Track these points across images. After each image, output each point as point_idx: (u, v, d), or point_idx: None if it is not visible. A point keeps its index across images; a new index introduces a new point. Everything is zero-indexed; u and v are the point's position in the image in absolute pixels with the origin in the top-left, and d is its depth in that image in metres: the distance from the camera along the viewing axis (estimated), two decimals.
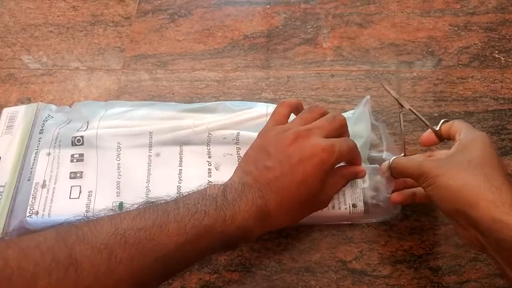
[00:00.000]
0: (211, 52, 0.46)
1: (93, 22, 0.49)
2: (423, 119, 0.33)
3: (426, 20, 0.47)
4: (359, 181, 0.36)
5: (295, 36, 0.47)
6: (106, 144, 0.37)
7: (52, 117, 0.41)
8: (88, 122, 0.38)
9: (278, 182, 0.29)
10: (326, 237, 0.37)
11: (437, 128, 0.33)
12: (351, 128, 0.36)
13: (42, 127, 0.40)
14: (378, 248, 0.36)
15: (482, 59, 0.44)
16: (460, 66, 0.44)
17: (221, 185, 0.29)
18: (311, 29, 0.47)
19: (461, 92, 0.43)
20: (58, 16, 0.49)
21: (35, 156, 0.38)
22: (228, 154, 0.37)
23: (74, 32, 0.48)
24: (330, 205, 0.35)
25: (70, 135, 0.38)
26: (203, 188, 0.29)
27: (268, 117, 0.34)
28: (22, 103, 0.44)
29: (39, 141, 0.39)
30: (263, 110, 0.38)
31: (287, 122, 0.33)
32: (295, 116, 0.34)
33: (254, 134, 0.34)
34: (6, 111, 0.42)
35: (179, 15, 0.49)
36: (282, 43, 0.46)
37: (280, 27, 0.47)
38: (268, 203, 0.29)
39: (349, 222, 0.37)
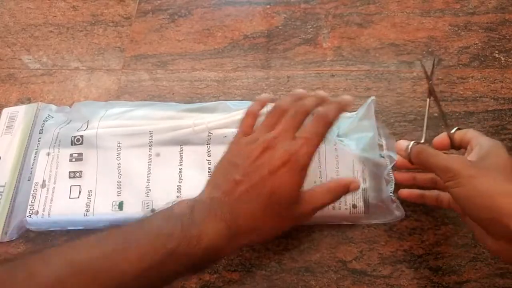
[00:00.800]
0: (211, 52, 0.46)
1: (93, 22, 0.49)
2: (445, 119, 0.33)
3: (426, 20, 0.47)
4: (360, 182, 0.35)
5: (295, 36, 0.47)
6: (106, 144, 0.37)
7: (52, 117, 0.41)
8: (88, 122, 0.38)
9: (248, 195, 0.28)
10: (326, 237, 0.37)
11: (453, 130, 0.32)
12: (358, 123, 0.37)
13: (42, 127, 0.40)
14: (378, 248, 0.36)
15: (482, 59, 0.44)
16: (460, 66, 0.44)
17: (190, 200, 0.29)
18: (311, 29, 0.47)
19: (461, 92, 0.43)
20: (58, 16, 0.49)
21: (35, 156, 0.38)
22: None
23: (74, 32, 0.48)
24: (330, 205, 0.35)
25: (70, 135, 0.38)
26: (171, 205, 0.28)
27: None
28: (22, 103, 0.44)
29: (39, 141, 0.39)
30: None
31: (253, 131, 0.32)
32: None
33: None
34: (6, 111, 0.42)
35: (179, 15, 0.49)
36: (282, 43, 0.46)
37: (280, 27, 0.47)
38: (237, 218, 0.28)
39: (350, 223, 0.37)
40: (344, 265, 0.36)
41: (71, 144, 0.37)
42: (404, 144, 0.33)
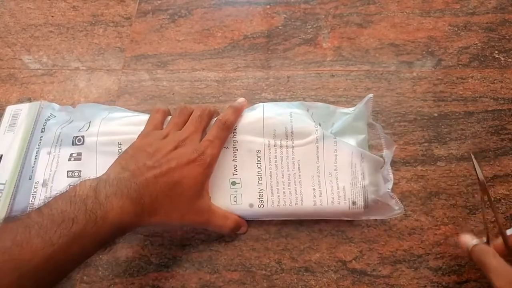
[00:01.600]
0: (211, 52, 0.46)
1: (93, 22, 0.49)
2: (499, 223, 0.31)
3: (426, 20, 0.47)
4: (359, 177, 0.35)
5: (295, 36, 0.47)
6: (106, 149, 0.37)
7: (55, 116, 0.41)
8: (90, 123, 0.38)
9: (155, 180, 0.30)
10: (326, 237, 0.37)
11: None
12: (350, 123, 0.37)
13: (44, 126, 0.40)
14: (378, 248, 0.36)
15: (482, 59, 0.44)
16: (460, 66, 0.44)
17: (94, 180, 0.29)
18: (311, 29, 0.47)
19: (461, 92, 0.43)
20: (59, 16, 0.50)
21: (36, 155, 0.38)
22: (224, 147, 0.36)
23: (75, 32, 0.48)
24: (329, 200, 0.35)
25: (71, 135, 0.38)
26: (72, 186, 0.29)
27: (264, 121, 0.36)
28: (23, 103, 0.44)
29: (40, 139, 0.39)
30: (259, 114, 0.38)
31: (163, 127, 0.36)
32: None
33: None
34: (10, 108, 0.42)
35: (179, 15, 0.49)
36: (282, 43, 0.46)
37: (280, 27, 0.47)
38: (143, 198, 0.30)
39: (349, 219, 0.37)
40: (344, 265, 0.36)
41: (72, 144, 0.37)
42: (467, 240, 0.32)
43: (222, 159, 0.35)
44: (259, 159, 0.36)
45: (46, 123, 0.40)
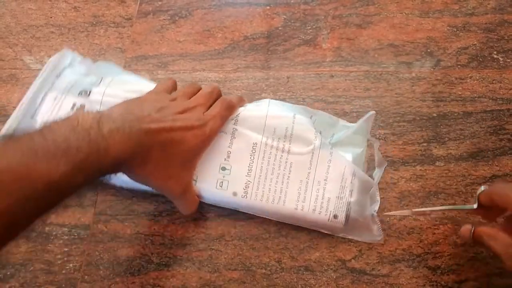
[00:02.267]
0: (212, 53, 0.46)
1: (94, 23, 0.49)
2: None
3: (425, 21, 0.47)
4: (346, 193, 0.36)
5: (295, 37, 0.47)
6: (112, 105, 0.37)
7: (74, 66, 0.42)
8: (102, 79, 0.39)
9: (157, 133, 0.31)
10: (326, 236, 0.37)
11: (475, 205, 0.32)
12: (350, 136, 0.38)
13: (60, 72, 0.41)
14: (377, 247, 0.36)
15: (480, 59, 0.44)
16: (459, 66, 0.44)
17: (96, 113, 0.29)
18: (310, 30, 0.47)
19: (460, 93, 0.43)
20: (60, 17, 0.50)
21: (43, 97, 0.39)
22: (223, 132, 0.37)
23: (76, 33, 0.49)
24: (311, 207, 0.35)
25: (81, 86, 0.38)
26: (73, 115, 0.28)
27: (267, 118, 0.37)
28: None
29: (52, 84, 0.39)
30: (263, 110, 0.38)
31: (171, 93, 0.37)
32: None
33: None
34: (50, 60, 0.43)
35: (180, 16, 0.49)
36: (282, 44, 0.46)
37: (280, 28, 0.48)
38: (142, 144, 0.30)
39: (327, 232, 0.37)
40: (343, 264, 0.36)
41: (78, 95, 0.38)
42: (467, 229, 0.32)
43: (217, 143, 0.36)
44: (253, 151, 0.36)
45: (63, 70, 0.41)
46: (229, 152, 0.36)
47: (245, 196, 0.36)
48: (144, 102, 0.33)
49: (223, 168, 0.36)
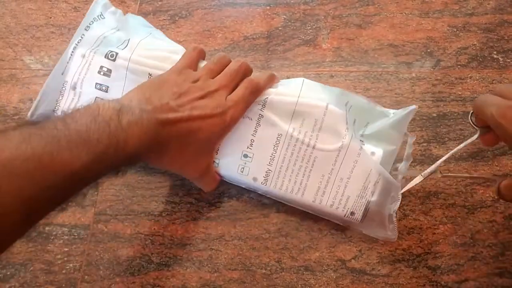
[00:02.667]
0: (212, 53, 0.46)
1: None
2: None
3: (424, 21, 0.47)
4: (368, 193, 0.35)
5: (295, 37, 0.47)
6: (136, 78, 0.36)
7: (104, 18, 0.40)
8: (129, 40, 0.38)
9: (174, 123, 0.31)
10: (326, 236, 0.37)
11: (477, 134, 0.34)
12: (386, 129, 0.36)
13: (89, 24, 0.40)
14: (377, 247, 0.36)
15: (480, 59, 0.44)
16: (459, 66, 0.44)
17: (115, 102, 0.29)
18: (310, 30, 0.47)
19: (460, 93, 0.43)
20: (60, 17, 0.50)
21: (72, 52, 0.38)
22: (248, 117, 0.35)
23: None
24: (329, 202, 0.35)
25: (109, 46, 0.38)
26: (94, 105, 0.28)
27: (297, 106, 0.35)
28: (24, 103, 0.44)
29: (81, 37, 0.39)
30: (294, 95, 0.35)
31: (197, 67, 0.36)
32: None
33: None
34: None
35: (180, 16, 0.49)
36: (281, 44, 0.47)
37: (279, 28, 0.48)
38: (159, 136, 0.30)
39: (341, 224, 0.37)
40: (343, 264, 0.36)
41: (105, 57, 0.37)
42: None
43: (241, 129, 0.35)
44: (277, 142, 0.35)
45: (92, 22, 0.40)
46: (252, 141, 0.35)
47: (265, 183, 0.36)
48: (164, 85, 0.32)
49: (245, 156, 0.35)
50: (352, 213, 0.35)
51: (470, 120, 0.34)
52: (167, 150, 0.31)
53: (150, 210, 0.38)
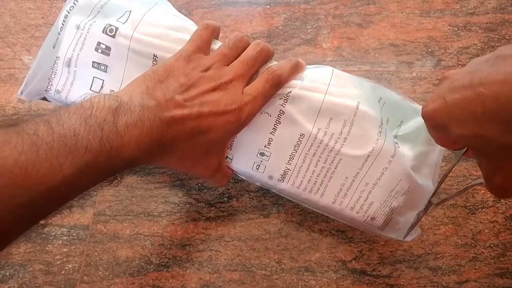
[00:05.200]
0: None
1: None
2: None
3: (425, 21, 0.47)
4: (393, 202, 0.31)
5: (295, 37, 0.47)
6: (139, 59, 0.32)
7: None
8: (130, 12, 0.32)
9: (181, 122, 0.27)
10: (326, 237, 0.37)
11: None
12: (422, 130, 0.31)
13: None
14: (378, 248, 0.36)
15: None
16: (460, 66, 0.44)
17: (113, 99, 0.25)
18: (311, 30, 0.47)
19: None
20: None
21: (64, 21, 0.33)
22: (267, 113, 0.31)
23: None
24: (350, 205, 0.32)
25: (106, 17, 0.32)
26: (87, 102, 0.24)
27: (324, 103, 0.30)
28: (23, 103, 0.44)
29: (74, 3, 0.33)
30: (322, 90, 0.31)
31: (209, 50, 0.31)
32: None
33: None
34: None
35: None
36: (282, 43, 0.46)
37: (280, 28, 0.47)
38: (164, 138, 0.26)
39: (357, 228, 0.35)
40: (344, 265, 0.36)
41: (103, 32, 0.31)
42: None
43: (259, 125, 0.31)
44: (299, 143, 0.31)
45: None
46: (270, 140, 0.31)
47: (282, 181, 0.32)
48: (169, 75, 0.28)
49: (262, 154, 0.31)
50: (373, 219, 0.32)
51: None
52: (173, 151, 0.28)
53: (149, 211, 0.38)
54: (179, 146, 0.28)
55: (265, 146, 0.31)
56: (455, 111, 0.22)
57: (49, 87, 0.33)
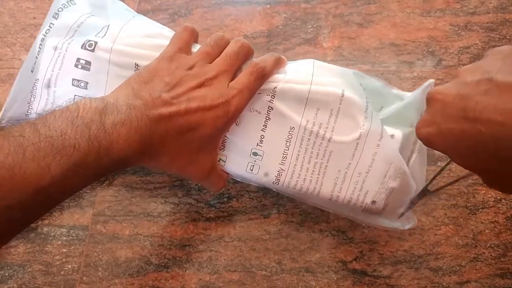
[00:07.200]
0: None
1: None
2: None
3: (426, 20, 0.47)
4: (390, 182, 0.32)
5: (295, 36, 0.46)
6: (121, 72, 0.32)
7: (74, 3, 0.35)
8: (108, 27, 0.33)
9: (169, 119, 0.27)
10: (327, 238, 0.37)
11: None
12: (401, 111, 0.33)
13: (58, 11, 0.34)
14: (379, 248, 0.36)
15: None
16: (461, 66, 0.44)
17: (99, 100, 0.25)
18: (311, 29, 0.47)
19: None
20: None
21: (41, 44, 0.33)
22: (256, 111, 0.31)
23: None
24: (346, 198, 0.32)
25: (85, 35, 0.32)
26: (73, 104, 0.24)
27: (310, 93, 0.31)
28: None
29: (50, 26, 0.33)
30: (306, 82, 0.31)
31: (190, 51, 0.31)
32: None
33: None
34: None
35: (179, 15, 0.49)
36: (282, 43, 0.46)
37: (280, 27, 0.47)
38: (153, 136, 0.26)
39: (352, 218, 0.35)
40: (344, 265, 0.36)
41: (81, 47, 0.32)
42: None
43: (250, 124, 0.31)
44: (290, 137, 0.31)
45: (62, 9, 0.34)
46: (262, 137, 0.32)
47: (277, 183, 0.32)
48: (154, 76, 0.28)
49: (255, 154, 0.32)
50: (373, 202, 0.32)
51: None
52: (164, 151, 0.28)
53: (149, 211, 0.38)
54: (169, 144, 0.28)
55: (257, 145, 0.32)
56: (452, 141, 0.22)
57: (29, 111, 0.33)
